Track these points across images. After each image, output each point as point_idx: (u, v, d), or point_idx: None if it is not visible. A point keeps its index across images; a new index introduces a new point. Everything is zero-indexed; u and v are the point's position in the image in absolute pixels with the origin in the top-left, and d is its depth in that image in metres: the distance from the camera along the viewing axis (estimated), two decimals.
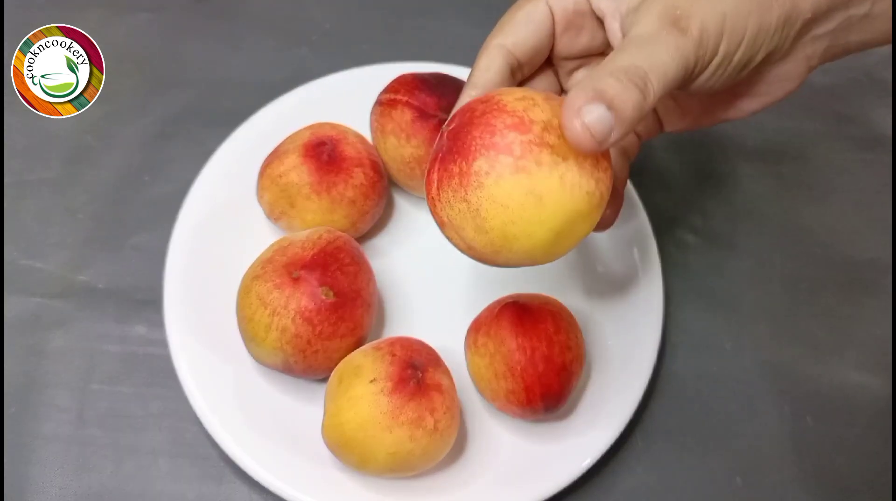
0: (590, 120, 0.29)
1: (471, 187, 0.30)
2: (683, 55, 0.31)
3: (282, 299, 0.42)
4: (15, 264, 0.50)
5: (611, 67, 0.30)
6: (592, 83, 0.30)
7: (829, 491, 0.45)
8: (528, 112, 0.31)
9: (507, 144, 0.30)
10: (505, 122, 0.30)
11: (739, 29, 0.33)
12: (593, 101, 0.29)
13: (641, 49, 0.31)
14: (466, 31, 0.62)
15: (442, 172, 0.31)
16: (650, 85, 0.30)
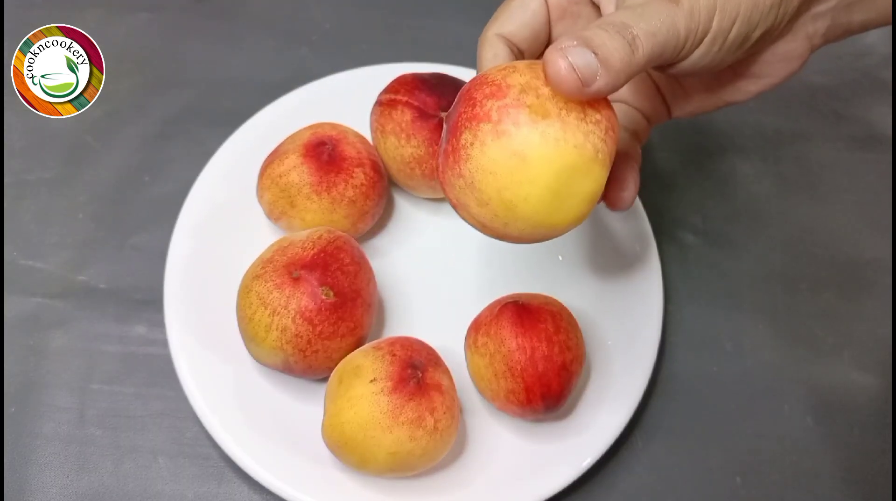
0: (574, 60, 0.29)
1: (462, 162, 0.31)
2: (673, 22, 0.31)
3: (282, 298, 0.42)
4: (15, 264, 0.50)
5: (599, 21, 0.31)
6: (579, 31, 0.30)
7: (828, 491, 0.45)
8: (507, 78, 0.31)
9: (485, 113, 0.30)
10: (484, 92, 0.31)
11: (733, 4, 0.32)
12: (579, 45, 0.29)
13: (632, 12, 0.31)
14: (466, 31, 0.62)
15: (442, 154, 0.32)
16: (638, 41, 0.30)
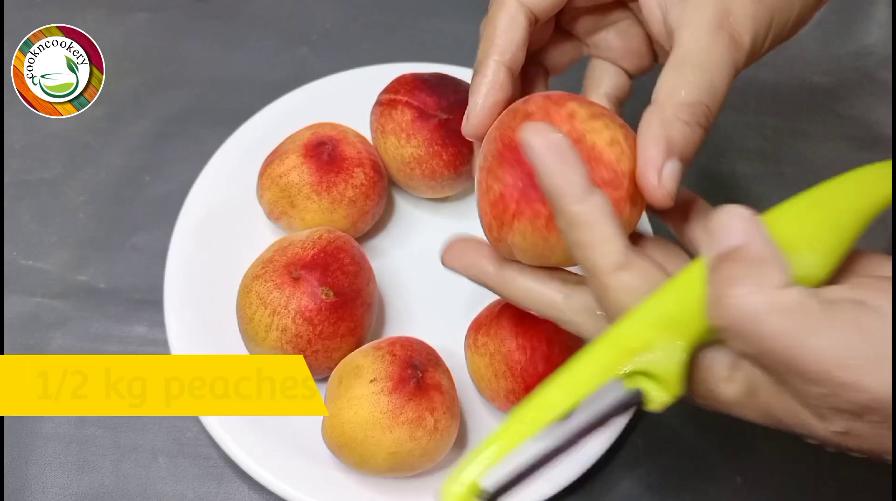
0: (665, 178, 0.30)
1: (554, 231, 0.30)
2: (737, 69, 0.31)
3: (282, 298, 0.42)
4: (15, 264, 0.50)
5: (676, 105, 0.30)
6: (664, 130, 0.30)
7: (828, 491, 0.45)
8: (620, 163, 0.31)
9: None
10: (602, 176, 0.30)
11: (783, 23, 0.32)
12: (668, 157, 0.30)
13: (702, 74, 0.30)
14: (466, 31, 0.62)
15: (524, 203, 0.31)
16: (710, 119, 0.31)
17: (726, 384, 0.26)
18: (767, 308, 0.23)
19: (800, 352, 0.23)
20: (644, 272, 0.27)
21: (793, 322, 0.23)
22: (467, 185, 0.51)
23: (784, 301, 0.23)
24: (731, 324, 0.24)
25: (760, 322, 0.23)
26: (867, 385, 0.22)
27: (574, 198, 0.26)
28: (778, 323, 0.23)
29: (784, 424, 0.26)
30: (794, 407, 0.25)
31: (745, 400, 0.26)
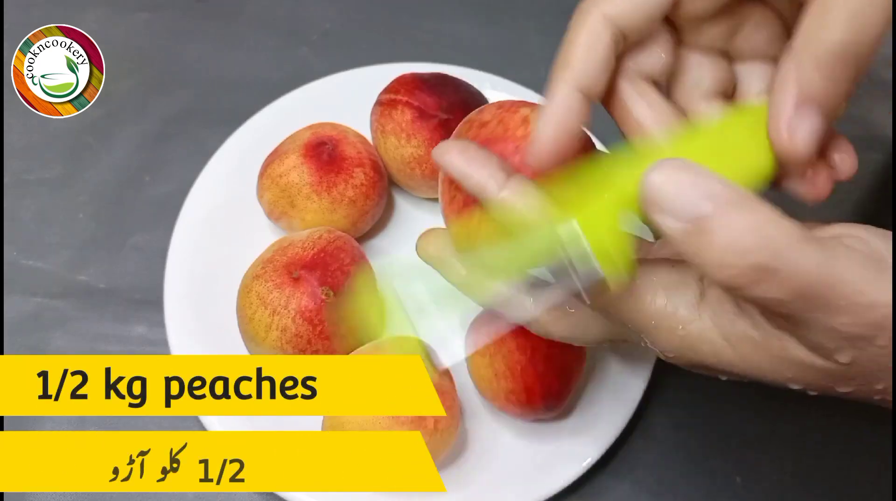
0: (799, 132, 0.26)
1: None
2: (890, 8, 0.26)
3: (282, 298, 0.42)
4: (15, 264, 0.50)
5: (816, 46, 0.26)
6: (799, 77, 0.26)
7: (828, 491, 0.45)
8: None
9: None
10: None
11: None
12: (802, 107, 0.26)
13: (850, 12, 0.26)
14: (466, 31, 0.62)
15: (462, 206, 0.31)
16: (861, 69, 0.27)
17: (692, 323, 0.25)
18: (790, 241, 0.22)
19: (833, 281, 0.22)
20: None
21: (821, 253, 0.22)
22: None
23: (800, 233, 0.22)
24: (753, 266, 0.22)
25: (790, 258, 0.22)
26: (881, 300, 0.22)
27: (496, 188, 0.27)
28: (808, 255, 0.22)
29: (754, 366, 0.25)
30: (785, 348, 0.24)
31: (711, 343, 0.25)
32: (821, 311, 0.22)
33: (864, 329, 0.23)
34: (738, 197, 0.22)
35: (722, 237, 0.21)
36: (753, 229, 0.21)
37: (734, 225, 0.21)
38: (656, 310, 0.26)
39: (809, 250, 0.22)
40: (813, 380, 0.25)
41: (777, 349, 0.25)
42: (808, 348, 0.24)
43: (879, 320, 0.22)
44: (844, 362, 0.24)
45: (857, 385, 0.25)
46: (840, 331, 0.23)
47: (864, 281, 0.22)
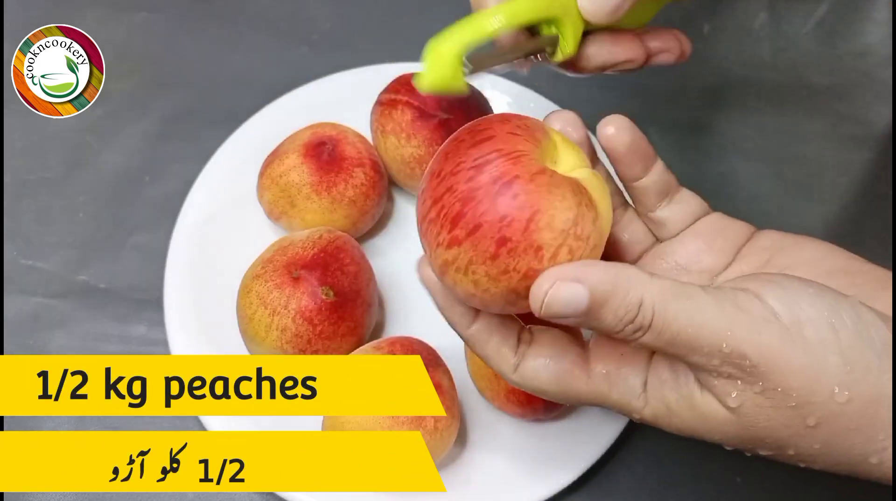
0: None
1: None
2: None
3: (282, 298, 0.42)
4: (15, 264, 0.50)
5: None
6: None
7: (828, 491, 0.45)
8: None
9: None
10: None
11: None
12: None
13: None
14: None
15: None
16: None
17: (644, 408, 0.30)
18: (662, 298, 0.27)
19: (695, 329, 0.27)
20: (536, 361, 0.31)
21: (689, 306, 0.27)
22: None
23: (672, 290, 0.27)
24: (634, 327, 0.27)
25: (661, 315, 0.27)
26: (745, 349, 0.26)
27: (462, 326, 0.32)
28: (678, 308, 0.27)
29: (692, 428, 0.30)
30: (697, 401, 0.29)
31: (663, 416, 0.30)
32: (696, 355, 0.27)
33: (736, 371, 0.27)
34: (610, 277, 0.27)
35: (606, 316, 0.27)
36: (626, 304, 0.27)
37: (612, 306, 0.27)
38: (615, 403, 0.31)
39: (679, 306, 0.27)
40: (732, 435, 0.29)
41: (696, 403, 0.29)
42: (709, 393, 0.28)
43: (747, 368, 0.27)
44: (734, 406, 0.28)
45: (772, 448, 0.29)
46: (718, 372, 0.27)
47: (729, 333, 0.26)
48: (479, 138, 0.29)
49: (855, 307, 0.27)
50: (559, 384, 0.31)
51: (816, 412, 0.27)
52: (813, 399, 0.27)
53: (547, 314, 0.27)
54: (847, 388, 0.27)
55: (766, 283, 0.28)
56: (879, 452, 0.28)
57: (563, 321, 0.27)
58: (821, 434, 0.28)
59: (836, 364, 0.26)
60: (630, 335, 0.27)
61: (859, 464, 0.29)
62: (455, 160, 0.28)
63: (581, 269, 0.27)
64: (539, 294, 0.27)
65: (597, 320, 0.27)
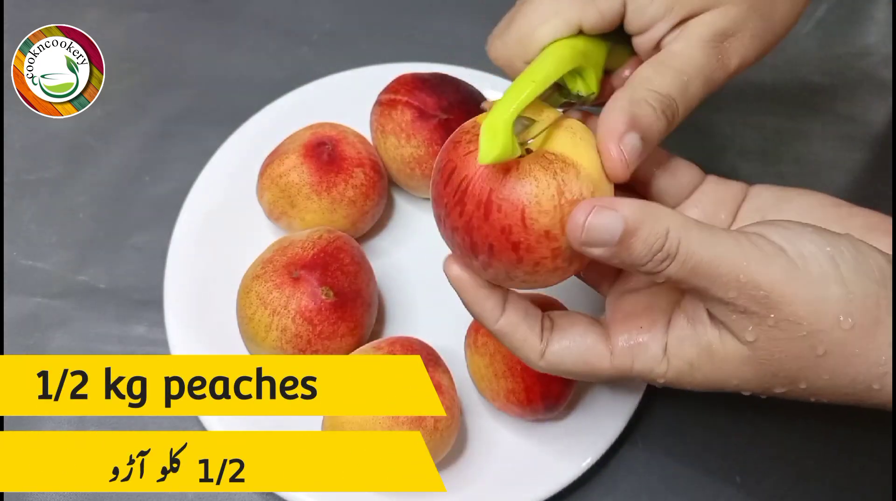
0: (626, 147, 0.31)
1: None
2: (712, 87, 0.34)
3: (282, 298, 0.42)
4: (15, 264, 0.50)
5: (647, 90, 0.32)
6: (630, 106, 0.31)
7: (828, 491, 0.45)
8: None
9: None
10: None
11: (768, 47, 0.34)
12: (630, 130, 0.31)
13: (679, 75, 0.33)
14: (466, 31, 0.62)
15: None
16: (677, 118, 0.33)
17: (668, 371, 0.32)
18: (686, 232, 0.29)
19: (718, 261, 0.29)
20: (560, 344, 0.33)
21: (710, 239, 0.29)
22: None
23: (694, 225, 0.29)
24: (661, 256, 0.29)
25: (685, 245, 0.29)
26: (763, 281, 0.28)
27: (491, 321, 0.33)
28: (701, 242, 0.29)
29: (712, 379, 0.32)
30: (713, 342, 0.31)
31: (685, 373, 0.32)
32: (715, 286, 0.29)
33: (751, 304, 0.29)
34: (640, 207, 0.29)
35: (636, 245, 0.29)
36: (655, 233, 0.29)
37: (643, 234, 0.29)
38: (639, 372, 0.33)
39: (701, 237, 0.29)
40: (750, 376, 0.31)
41: (715, 350, 0.31)
42: (727, 332, 0.30)
43: (761, 298, 0.29)
44: (750, 340, 0.30)
45: (785, 384, 0.31)
46: (735, 305, 0.29)
47: (745, 263, 0.28)
48: (446, 176, 0.31)
49: (852, 242, 0.30)
50: (585, 364, 0.33)
51: (825, 341, 0.29)
52: (820, 327, 0.29)
53: (586, 240, 0.29)
54: (850, 315, 0.29)
55: (769, 225, 0.30)
56: (881, 377, 0.29)
57: (596, 252, 0.29)
58: (829, 364, 0.29)
59: (838, 294, 0.28)
60: (657, 266, 0.29)
61: (863, 392, 0.30)
62: (442, 203, 0.32)
63: (613, 200, 0.29)
64: (579, 221, 0.29)
65: (627, 249, 0.29)
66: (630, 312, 0.34)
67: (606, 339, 0.33)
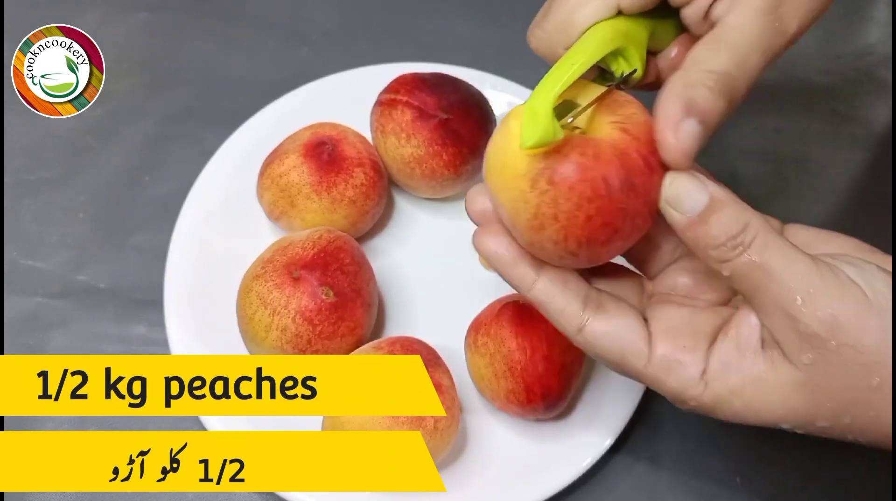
0: (683, 135, 0.30)
1: None
2: (774, 54, 0.32)
3: (282, 298, 0.42)
4: (15, 264, 0.50)
5: (702, 70, 0.31)
6: (686, 90, 0.30)
7: (828, 491, 0.45)
8: None
9: None
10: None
11: (825, 4, 0.32)
12: (687, 116, 0.30)
13: (735, 49, 0.31)
14: (466, 31, 0.62)
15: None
16: (738, 95, 0.31)
17: (703, 394, 0.31)
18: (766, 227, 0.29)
19: (786, 262, 0.29)
20: (603, 326, 0.32)
21: (787, 248, 0.29)
22: (467, 185, 0.51)
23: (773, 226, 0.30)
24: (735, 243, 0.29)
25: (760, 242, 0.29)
26: (833, 306, 0.28)
27: (525, 288, 0.32)
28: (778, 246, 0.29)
29: (754, 408, 0.31)
30: (764, 367, 0.30)
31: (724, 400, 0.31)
32: (783, 293, 0.28)
33: (815, 324, 0.28)
34: (727, 193, 0.29)
35: (714, 224, 0.29)
36: (736, 218, 0.29)
37: (725, 215, 0.29)
38: (670, 389, 0.32)
39: (779, 243, 0.29)
40: (796, 404, 0.30)
41: (762, 377, 0.30)
42: (780, 355, 0.29)
43: (828, 319, 0.28)
44: (806, 362, 0.29)
45: (830, 416, 0.30)
46: (798, 320, 0.28)
47: (819, 282, 0.28)
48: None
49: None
50: (621, 356, 0.32)
51: (882, 372, 0.28)
52: (880, 359, 0.28)
53: (670, 196, 0.29)
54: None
55: (837, 257, 0.30)
56: None
57: (673, 218, 0.29)
58: (879, 399, 0.29)
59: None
60: (728, 253, 0.29)
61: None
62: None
63: (703, 177, 0.29)
64: (667, 179, 0.29)
65: (704, 225, 0.29)
66: (672, 326, 0.32)
67: (648, 343, 0.32)
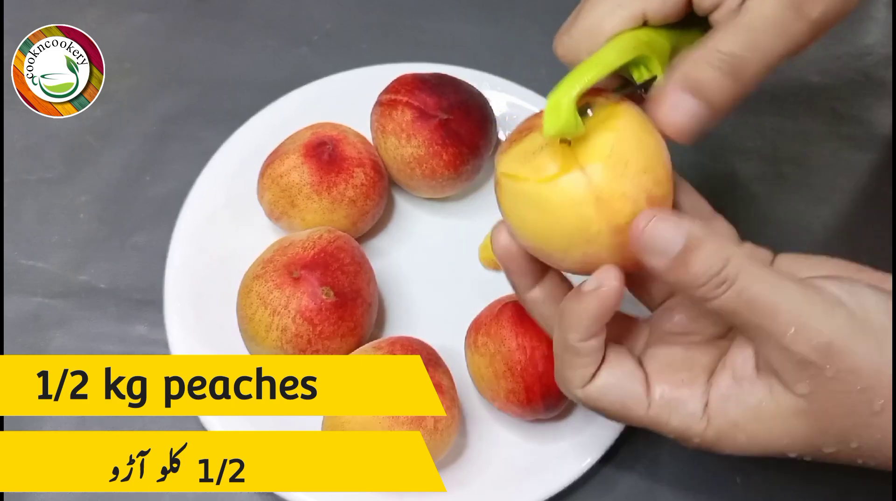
0: (681, 111, 0.30)
1: None
2: (796, 41, 0.31)
3: (282, 298, 0.42)
4: (15, 264, 0.50)
5: (710, 50, 0.30)
6: (690, 68, 0.30)
7: (828, 491, 0.45)
8: None
9: None
10: None
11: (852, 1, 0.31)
12: (686, 92, 0.30)
13: (748, 32, 0.30)
14: (466, 31, 0.62)
15: None
16: (747, 75, 0.31)
17: (706, 430, 0.31)
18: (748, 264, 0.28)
19: (779, 303, 0.28)
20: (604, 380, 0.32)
21: (775, 278, 0.28)
22: (467, 185, 0.51)
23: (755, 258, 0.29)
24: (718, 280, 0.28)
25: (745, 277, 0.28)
26: (825, 330, 0.27)
27: (522, 289, 0.34)
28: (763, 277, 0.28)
29: (758, 439, 0.30)
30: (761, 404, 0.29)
31: (727, 433, 0.30)
32: (774, 325, 0.28)
33: (810, 352, 0.28)
34: (704, 229, 0.28)
35: (695, 264, 0.28)
36: (717, 254, 0.28)
37: (703, 254, 0.28)
38: (673, 428, 0.31)
39: (762, 273, 0.28)
40: (799, 433, 0.29)
41: (762, 408, 0.29)
42: (779, 384, 0.29)
43: (822, 347, 0.27)
44: (804, 392, 0.28)
45: (835, 442, 0.29)
46: (791, 351, 0.28)
47: (808, 308, 0.28)
48: None
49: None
50: (622, 407, 0.32)
51: (883, 395, 0.28)
52: (880, 382, 0.28)
53: (645, 243, 0.28)
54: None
55: (825, 279, 0.29)
56: None
57: (653, 261, 0.28)
58: (883, 421, 0.28)
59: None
60: (711, 291, 0.28)
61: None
62: None
63: (678, 214, 0.29)
64: (640, 224, 0.28)
65: (684, 266, 0.28)
66: (668, 363, 0.32)
67: (647, 387, 0.32)
